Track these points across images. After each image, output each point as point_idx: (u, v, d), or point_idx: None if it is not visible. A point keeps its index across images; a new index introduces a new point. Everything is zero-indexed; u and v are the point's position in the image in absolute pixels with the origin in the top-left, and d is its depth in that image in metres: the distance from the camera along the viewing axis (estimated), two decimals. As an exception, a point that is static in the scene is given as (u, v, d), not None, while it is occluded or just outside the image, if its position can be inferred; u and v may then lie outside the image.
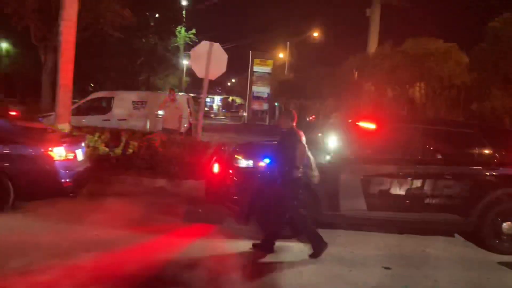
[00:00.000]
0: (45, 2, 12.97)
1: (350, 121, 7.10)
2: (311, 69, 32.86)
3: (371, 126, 6.48)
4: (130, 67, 30.73)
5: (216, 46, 9.97)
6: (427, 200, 6.10)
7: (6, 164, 6.03)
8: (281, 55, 46.22)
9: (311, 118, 43.86)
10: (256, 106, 46.50)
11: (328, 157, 6.08)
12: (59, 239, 5.32)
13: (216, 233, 6.06)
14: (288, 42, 44.55)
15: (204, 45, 9.98)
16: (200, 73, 10.10)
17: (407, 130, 6.51)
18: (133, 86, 29.32)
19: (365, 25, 22.49)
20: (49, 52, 19.43)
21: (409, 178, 6.06)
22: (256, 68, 45.76)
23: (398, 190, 6.06)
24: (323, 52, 46.80)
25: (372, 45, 21.81)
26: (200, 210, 7.16)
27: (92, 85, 36.20)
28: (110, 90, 18.06)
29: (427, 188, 6.08)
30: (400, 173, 6.08)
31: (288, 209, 5.40)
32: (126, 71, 30.99)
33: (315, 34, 41.43)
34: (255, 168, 6.21)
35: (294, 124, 5.46)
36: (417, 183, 6.08)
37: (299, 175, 5.26)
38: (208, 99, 56.87)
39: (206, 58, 9.85)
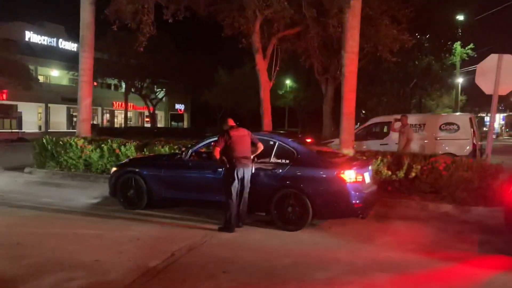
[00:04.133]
0: (328, 37, 14.26)
1: None
2: None
3: None
4: (402, 91, 30.57)
5: (507, 57, 9.00)
6: None
7: (306, 185, 6.77)
8: None
9: None
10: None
11: None
12: (353, 257, 5.63)
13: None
14: None
15: (492, 58, 9.14)
16: (487, 89, 9.28)
17: None
18: (404, 110, 29.07)
19: None
20: (329, 84, 21.36)
21: None
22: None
23: None
24: None
25: None
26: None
27: (363, 111, 37.74)
28: (382, 115, 18.42)
29: None
30: None
31: (225, 193, 6.66)
32: (397, 96, 30.98)
33: None
34: None
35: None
36: None
37: (227, 165, 6.59)
38: (487, 118, 51.49)
39: (495, 73, 9.00)
